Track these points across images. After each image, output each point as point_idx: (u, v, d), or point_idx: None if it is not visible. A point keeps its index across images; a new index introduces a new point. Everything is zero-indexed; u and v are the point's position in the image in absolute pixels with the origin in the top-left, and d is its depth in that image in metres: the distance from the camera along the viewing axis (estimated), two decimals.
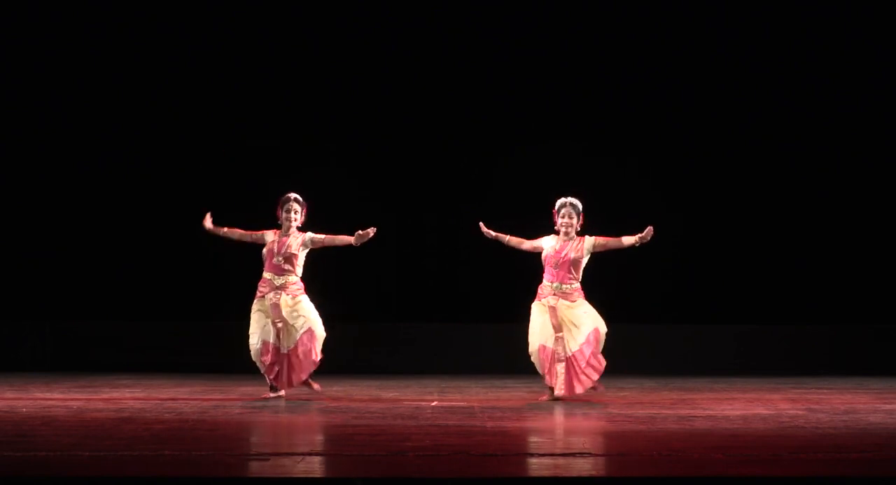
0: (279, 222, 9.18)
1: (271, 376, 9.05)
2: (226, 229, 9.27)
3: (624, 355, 12.56)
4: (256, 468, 5.49)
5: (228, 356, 12.67)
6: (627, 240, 8.97)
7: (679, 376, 11.82)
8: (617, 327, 11.70)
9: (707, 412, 8.00)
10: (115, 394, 9.41)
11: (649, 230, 8.91)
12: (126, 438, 6.44)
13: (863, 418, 7.61)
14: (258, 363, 9.13)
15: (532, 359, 9.01)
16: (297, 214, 9.13)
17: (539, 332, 8.94)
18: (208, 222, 9.26)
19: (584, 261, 8.97)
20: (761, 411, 8.12)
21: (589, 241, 8.96)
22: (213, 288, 13.00)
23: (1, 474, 5.14)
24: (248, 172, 13.00)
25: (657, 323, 12.99)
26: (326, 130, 13.19)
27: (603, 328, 8.97)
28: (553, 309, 8.89)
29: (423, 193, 13.25)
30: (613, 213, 11.08)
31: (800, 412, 8.01)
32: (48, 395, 9.26)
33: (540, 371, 8.97)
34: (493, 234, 9.17)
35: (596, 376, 8.93)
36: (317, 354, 9.06)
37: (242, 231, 9.25)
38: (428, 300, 13.25)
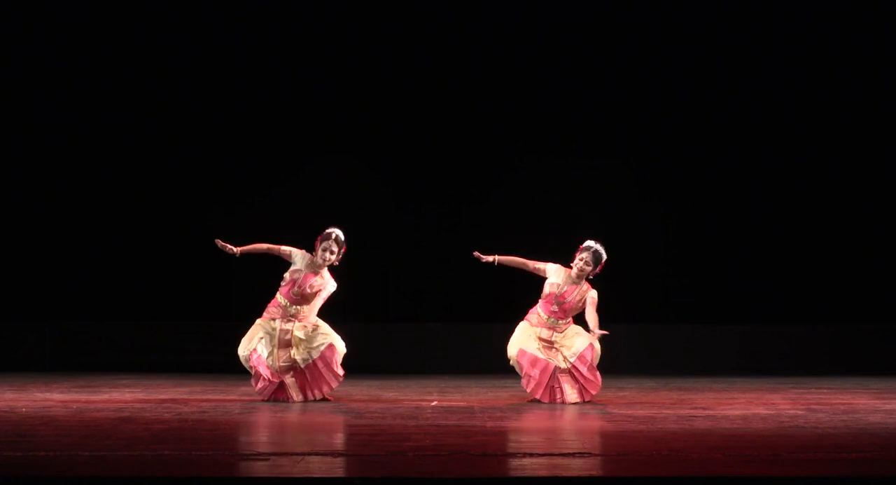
0: (314, 254, 8.78)
1: (265, 393, 8.79)
2: (251, 247, 8.88)
3: (624, 355, 12.59)
4: (256, 468, 5.49)
5: (228, 356, 12.70)
6: (592, 322, 8.74)
7: (679, 376, 11.82)
8: (617, 327, 11.66)
9: (707, 412, 8.00)
10: (115, 394, 9.41)
11: (596, 334, 8.75)
12: (126, 438, 6.43)
13: (863, 418, 7.61)
14: (250, 371, 8.89)
15: (512, 363, 8.87)
16: (333, 255, 8.73)
17: (520, 340, 8.80)
18: (235, 249, 8.82)
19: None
20: (761, 411, 8.12)
21: (590, 295, 8.83)
22: (213, 288, 13.00)
23: (1, 474, 5.14)
24: (248, 172, 13.01)
25: (657, 323, 12.99)
26: (326, 131, 13.19)
27: (597, 345, 8.84)
28: (548, 342, 8.80)
29: (423, 193, 13.25)
30: (614, 213, 11.11)
31: (800, 412, 8.01)
32: (48, 395, 9.26)
33: (520, 373, 8.85)
34: (492, 258, 8.87)
35: (594, 391, 8.87)
36: (339, 367, 8.83)
37: (269, 245, 8.86)
38: (428, 300, 13.25)
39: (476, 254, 8.93)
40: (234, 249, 8.86)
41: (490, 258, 8.92)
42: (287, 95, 13.17)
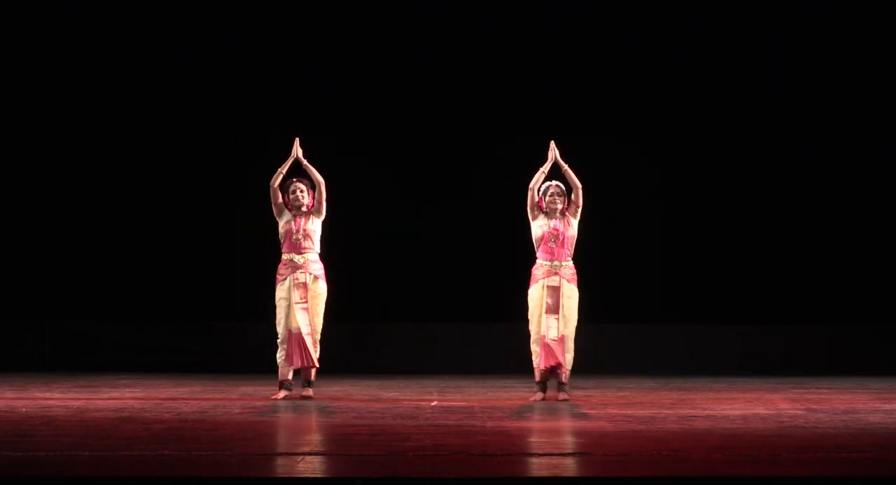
0: (289, 209, 9.24)
1: (288, 364, 9.10)
2: (278, 182, 9.28)
3: (624, 355, 12.60)
4: (256, 468, 5.49)
5: (228, 356, 12.73)
6: (569, 176, 9.08)
7: (679, 376, 11.82)
8: (617, 327, 11.73)
9: (707, 412, 8.00)
10: (115, 394, 9.41)
11: (552, 148, 9.16)
12: (126, 438, 6.43)
13: (863, 418, 7.61)
14: (280, 352, 9.13)
15: (532, 347, 8.97)
16: (303, 194, 9.21)
17: (539, 320, 8.94)
18: (300, 153, 9.32)
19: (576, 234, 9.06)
20: (761, 411, 8.12)
21: (572, 220, 9.05)
22: (213, 288, 13.01)
23: (1, 474, 5.14)
24: (248, 172, 12.99)
25: (658, 323, 12.99)
26: (326, 131, 13.18)
27: (571, 343, 8.96)
28: (555, 289, 8.91)
29: (423, 192, 13.24)
30: (612, 211, 11.11)
31: (800, 412, 8.01)
32: (48, 395, 9.26)
33: (535, 362, 8.94)
34: (551, 163, 9.12)
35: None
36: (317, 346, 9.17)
37: (280, 195, 9.27)
38: (428, 300, 13.24)
39: (552, 143, 9.22)
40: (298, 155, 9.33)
41: (555, 157, 9.14)
42: (286, 95, 13.16)
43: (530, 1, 13.17)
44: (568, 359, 8.94)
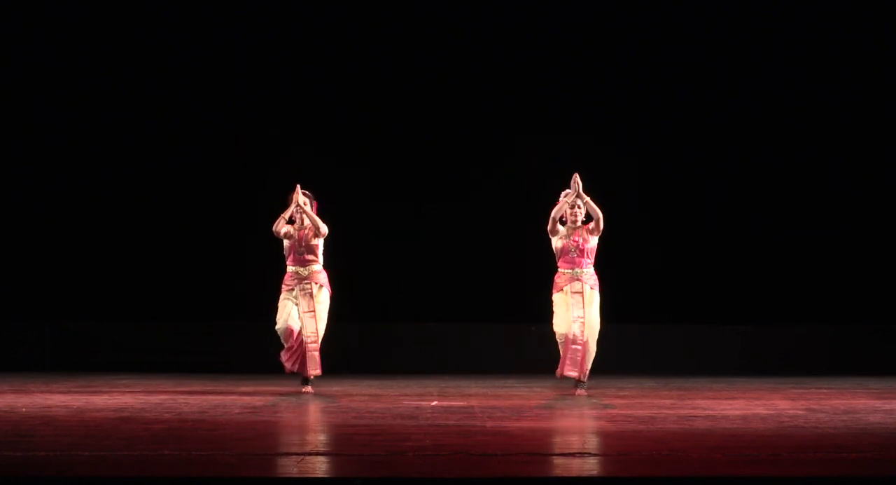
0: (292, 219, 9.61)
1: (290, 363, 9.55)
2: (286, 220, 9.60)
3: (624, 355, 12.60)
4: (256, 468, 5.49)
5: (228, 356, 12.73)
6: (591, 208, 9.30)
7: (679, 375, 11.82)
8: (617, 327, 11.69)
9: (707, 412, 8.00)
10: (115, 394, 9.41)
11: (574, 178, 9.32)
12: (126, 438, 6.44)
13: (863, 418, 7.61)
14: (284, 344, 9.57)
15: (558, 339, 9.32)
16: (306, 206, 9.55)
17: (564, 319, 9.27)
18: (300, 197, 9.57)
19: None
20: (761, 410, 8.12)
21: (589, 229, 9.38)
22: (213, 288, 13.01)
23: (1, 474, 5.14)
24: (248, 172, 13.00)
25: (658, 323, 12.99)
26: (326, 132, 13.18)
27: (593, 346, 9.28)
28: (579, 294, 9.22)
29: (423, 192, 13.24)
30: (611, 211, 11.08)
31: (800, 412, 8.01)
32: (48, 395, 9.26)
33: (560, 350, 9.28)
34: (574, 195, 9.31)
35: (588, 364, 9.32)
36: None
37: (283, 233, 9.60)
38: (428, 300, 13.25)
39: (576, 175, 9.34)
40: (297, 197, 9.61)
41: (578, 186, 9.31)
42: (287, 96, 13.16)
43: (530, 1, 13.18)
44: (588, 358, 9.26)
